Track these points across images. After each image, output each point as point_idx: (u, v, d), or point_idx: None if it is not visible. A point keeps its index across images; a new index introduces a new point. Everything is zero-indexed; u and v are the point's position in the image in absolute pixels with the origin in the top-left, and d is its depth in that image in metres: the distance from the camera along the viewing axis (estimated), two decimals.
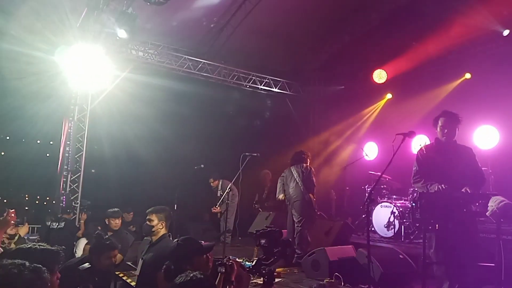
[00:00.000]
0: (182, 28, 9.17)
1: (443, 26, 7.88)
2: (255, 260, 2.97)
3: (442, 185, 4.25)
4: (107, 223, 5.76)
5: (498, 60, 7.68)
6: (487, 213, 4.40)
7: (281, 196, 7.23)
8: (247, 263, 6.42)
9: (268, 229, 3.06)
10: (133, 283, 4.72)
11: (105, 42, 7.93)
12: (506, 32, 7.52)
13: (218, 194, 7.84)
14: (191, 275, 2.24)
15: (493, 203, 4.54)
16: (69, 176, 8.26)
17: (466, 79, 8.32)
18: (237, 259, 4.64)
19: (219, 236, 8.09)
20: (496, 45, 7.84)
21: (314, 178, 7.01)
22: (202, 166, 8.39)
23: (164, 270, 2.91)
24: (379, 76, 9.50)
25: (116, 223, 5.75)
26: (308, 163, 7.17)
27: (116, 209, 5.83)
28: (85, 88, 8.26)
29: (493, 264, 4.35)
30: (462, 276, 4.25)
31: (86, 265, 3.78)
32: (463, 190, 4.20)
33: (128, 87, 8.77)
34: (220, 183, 8.14)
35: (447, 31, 7.90)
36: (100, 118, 8.86)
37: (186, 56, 9.59)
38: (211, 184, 8.52)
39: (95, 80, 7.92)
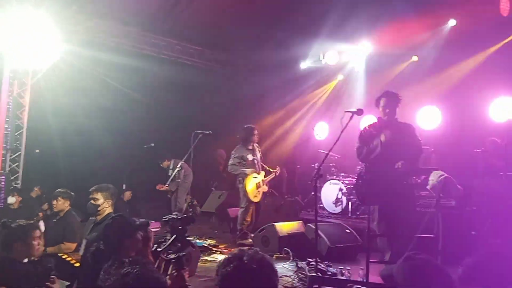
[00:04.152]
0: (134, 2, 8.75)
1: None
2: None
3: (382, 137, 4.47)
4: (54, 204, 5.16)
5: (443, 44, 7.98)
6: (427, 187, 4.64)
7: None
8: (197, 241, 6.46)
9: (171, 216, 2.94)
10: (77, 264, 4.55)
11: (50, 8, 7.29)
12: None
13: (169, 173, 7.60)
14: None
15: (434, 177, 4.79)
16: (8, 155, 7.74)
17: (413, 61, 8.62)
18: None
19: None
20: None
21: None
22: (152, 144, 8.17)
23: (94, 252, 2.68)
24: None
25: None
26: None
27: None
28: (25, 60, 7.63)
29: (432, 235, 4.63)
30: (402, 246, 4.46)
31: None
32: (396, 165, 4.41)
33: (75, 61, 8.26)
34: (172, 162, 7.92)
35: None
36: (44, 94, 8.33)
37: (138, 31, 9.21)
38: (162, 165, 8.28)
39: (38, 51, 7.31)
